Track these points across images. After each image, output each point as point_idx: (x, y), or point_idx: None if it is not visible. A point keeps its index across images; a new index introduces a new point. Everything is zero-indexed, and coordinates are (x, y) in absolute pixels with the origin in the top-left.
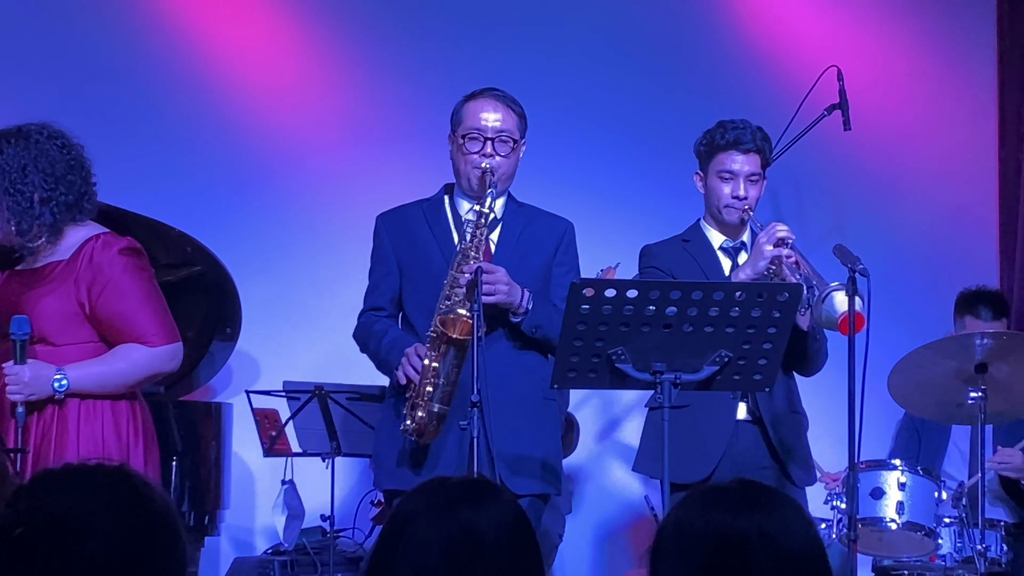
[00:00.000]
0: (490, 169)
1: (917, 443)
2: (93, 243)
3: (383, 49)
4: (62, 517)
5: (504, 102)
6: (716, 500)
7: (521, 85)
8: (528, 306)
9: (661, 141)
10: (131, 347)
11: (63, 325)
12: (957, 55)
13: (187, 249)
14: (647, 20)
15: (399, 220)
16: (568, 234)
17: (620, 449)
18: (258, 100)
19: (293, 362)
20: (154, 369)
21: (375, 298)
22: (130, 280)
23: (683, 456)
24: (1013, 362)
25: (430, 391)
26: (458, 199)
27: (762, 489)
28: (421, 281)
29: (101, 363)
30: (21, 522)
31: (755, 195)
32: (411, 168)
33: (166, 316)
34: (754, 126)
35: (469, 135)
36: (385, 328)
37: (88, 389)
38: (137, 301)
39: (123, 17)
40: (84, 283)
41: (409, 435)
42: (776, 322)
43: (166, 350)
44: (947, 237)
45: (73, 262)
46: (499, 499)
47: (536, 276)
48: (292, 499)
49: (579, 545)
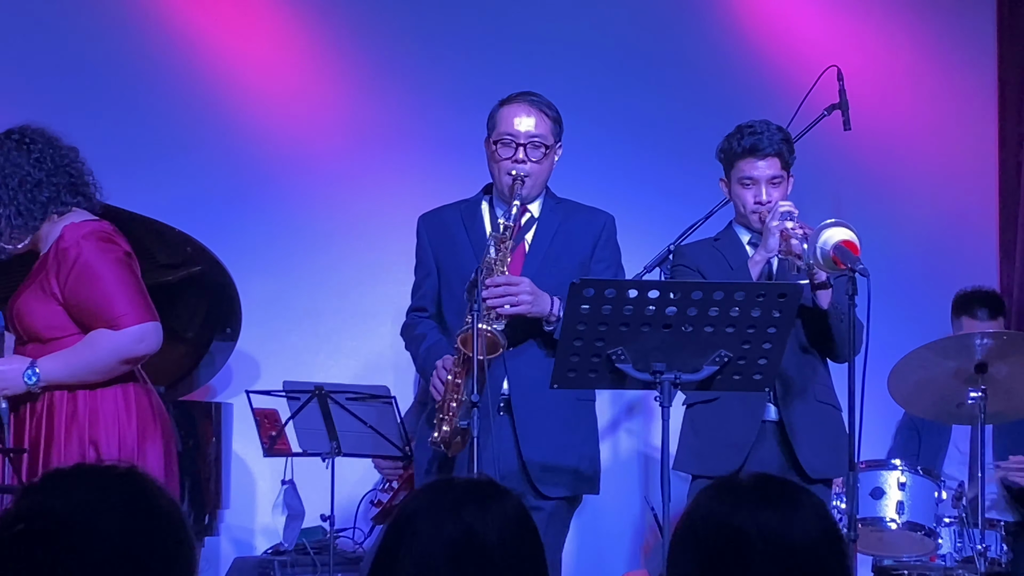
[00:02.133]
0: (519, 177)
1: (917, 443)
2: (65, 231)
3: (386, 54)
4: (70, 516)
5: (537, 107)
6: (725, 493)
7: (522, 87)
8: (559, 314)
9: (661, 141)
10: (99, 332)
11: (48, 320)
12: (957, 55)
13: (187, 249)
14: (646, 20)
15: (438, 221)
16: (607, 228)
17: (620, 449)
18: (260, 103)
19: (293, 362)
20: (122, 353)
21: (418, 298)
22: (96, 262)
23: (714, 451)
24: (1013, 362)
25: (454, 407)
26: (496, 202)
27: (779, 484)
28: (455, 284)
29: (70, 353)
30: (27, 520)
31: (779, 196)
32: (413, 172)
33: (138, 297)
34: (772, 127)
35: (502, 140)
36: (424, 332)
37: (61, 380)
38: (104, 283)
39: (130, 23)
40: (54, 273)
41: (436, 447)
42: (776, 322)
43: (133, 331)
44: (947, 237)
45: (47, 255)
46: (503, 499)
47: (573, 274)
48: (292, 499)
49: (579, 545)
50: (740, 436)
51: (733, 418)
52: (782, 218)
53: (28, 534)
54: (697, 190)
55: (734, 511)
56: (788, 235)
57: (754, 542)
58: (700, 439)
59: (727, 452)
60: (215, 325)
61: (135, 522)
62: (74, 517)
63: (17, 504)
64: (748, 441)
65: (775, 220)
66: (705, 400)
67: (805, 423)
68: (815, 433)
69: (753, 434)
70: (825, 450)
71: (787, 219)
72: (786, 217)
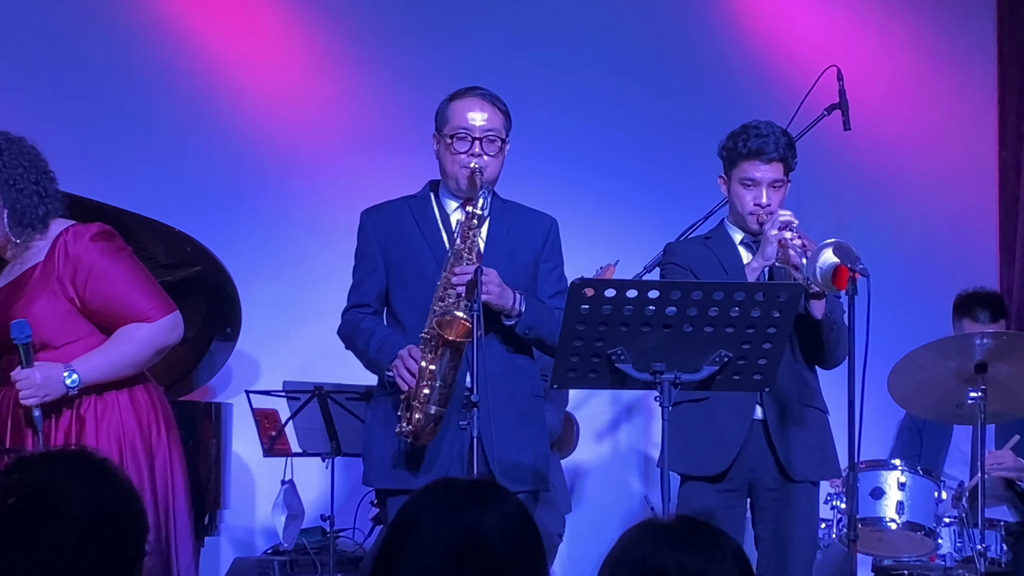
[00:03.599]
0: (479, 169)
1: (919, 443)
2: (64, 237)
3: (388, 55)
4: (48, 485)
5: (490, 101)
6: (653, 534)
7: (522, 87)
8: (521, 308)
9: (660, 140)
10: (132, 327)
11: (60, 325)
12: (957, 55)
13: (187, 249)
14: (646, 20)
15: (385, 216)
16: (553, 230)
17: (620, 449)
18: (261, 104)
19: (293, 362)
20: (159, 343)
21: (360, 295)
22: (111, 263)
23: (702, 450)
24: (1013, 362)
25: (427, 393)
26: (444, 198)
27: (703, 528)
28: (411, 279)
29: (106, 350)
30: (14, 493)
31: (778, 200)
32: (414, 171)
33: (157, 289)
34: (777, 131)
35: (457, 135)
36: (372, 327)
37: (99, 379)
38: (124, 282)
39: (133, 26)
40: (67, 278)
41: (405, 437)
42: (776, 322)
43: (166, 321)
44: (947, 237)
45: (50, 261)
46: (505, 500)
47: (525, 273)
48: (292, 499)
49: (579, 545)
50: (731, 434)
51: (723, 417)
52: (781, 227)
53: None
54: (697, 190)
55: (655, 550)
56: (786, 244)
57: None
58: (687, 439)
59: (717, 451)
60: (215, 325)
61: (99, 487)
62: (51, 485)
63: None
64: (739, 439)
65: (774, 229)
66: (693, 399)
67: (788, 425)
68: (798, 436)
69: (744, 432)
70: (809, 452)
71: (786, 229)
72: (785, 227)
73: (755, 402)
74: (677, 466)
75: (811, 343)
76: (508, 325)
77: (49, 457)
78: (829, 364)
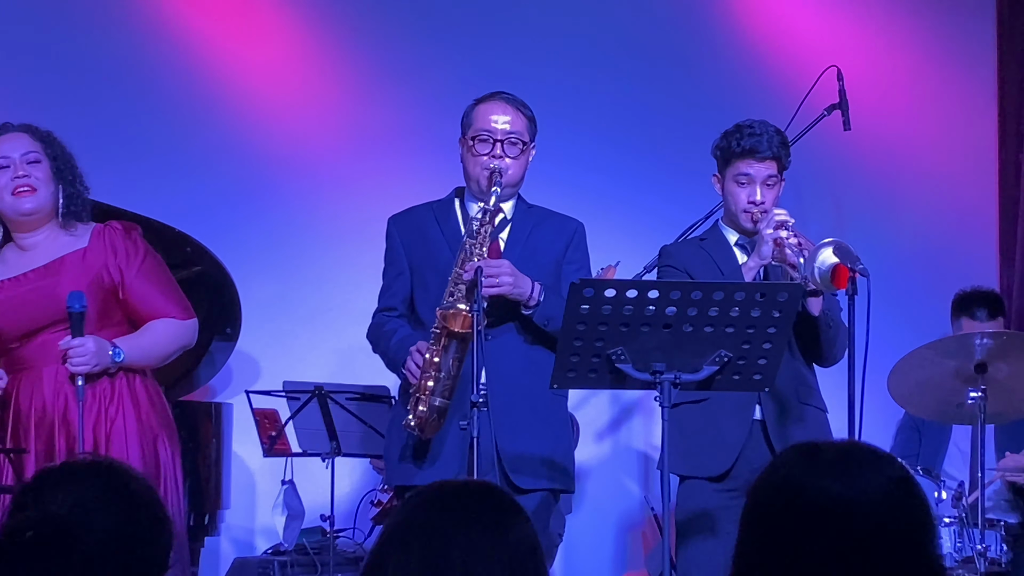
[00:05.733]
0: (498, 170)
1: (918, 442)
2: (106, 230)
3: (389, 57)
4: (66, 518)
5: (514, 105)
6: (802, 456)
7: (523, 88)
8: (540, 298)
9: (660, 141)
10: (167, 321)
11: (101, 308)
12: (957, 55)
13: (187, 249)
14: (647, 20)
15: (410, 221)
16: (578, 234)
17: (620, 449)
18: (261, 105)
19: (293, 362)
20: (184, 341)
21: (387, 298)
22: (153, 262)
23: (702, 452)
24: (1013, 362)
25: (431, 385)
26: (468, 202)
27: (860, 457)
28: (431, 279)
29: (144, 335)
30: (32, 527)
31: (772, 198)
32: (413, 171)
33: (183, 293)
34: (771, 130)
35: (479, 137)
36: (395, 328)
37: (135, 361)
38: (163, 281)
39: (133, 27)
40: (113, 267)
41: (411, 430)
42: (776, 322)
43: (191, 323)
44: (947, 237)
45: (95, 248)
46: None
47: (547, 273)
48: (292, 499)
49: (579, 545)
50: (731, 436)
51: (723, 417)
52: (777, 226)
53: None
54: (697, 190)
55: (802, 473)
56: (782, 244)
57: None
58: (687, 441)
59: (717, 453)
60: (215, 325)
61: (120, 514)
62: (70, 517)
63: (16, 510)
64: (739, 441)
65: (770, 228)
66: (693, 400)
67: (787, 424)
68: (798, 434)
69: (745, 433)
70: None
71: (782, 228)
72: (781, 226)
73: (754, 402)
74: (678, 468)
75: (809, 340)
76: (525, 315)
77: (72, 475)
78: (827, 362)
